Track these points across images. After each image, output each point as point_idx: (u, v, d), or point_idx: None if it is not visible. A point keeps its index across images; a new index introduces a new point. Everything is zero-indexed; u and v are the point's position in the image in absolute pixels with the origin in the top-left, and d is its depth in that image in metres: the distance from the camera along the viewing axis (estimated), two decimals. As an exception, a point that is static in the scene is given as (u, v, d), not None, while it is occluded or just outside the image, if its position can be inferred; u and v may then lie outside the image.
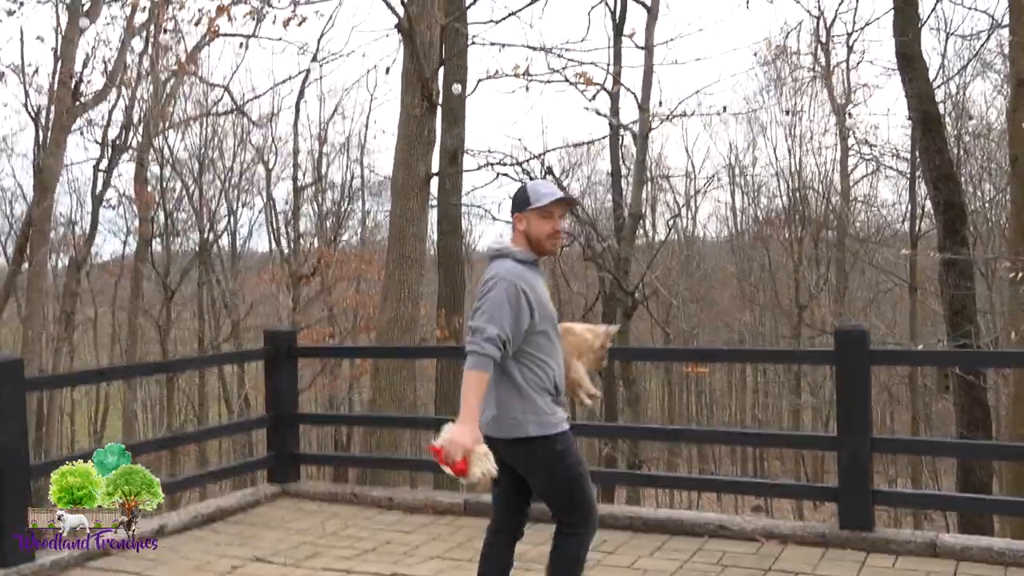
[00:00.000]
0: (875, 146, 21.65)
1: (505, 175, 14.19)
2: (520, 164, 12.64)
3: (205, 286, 25.33)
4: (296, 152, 24.56)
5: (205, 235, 24.70)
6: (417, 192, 9.26)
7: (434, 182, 10.77)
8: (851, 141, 22.54)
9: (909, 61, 13.10)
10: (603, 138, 17.05)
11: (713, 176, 25.87)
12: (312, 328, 21.38)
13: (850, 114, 22.15)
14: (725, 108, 17.28)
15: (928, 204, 19.82)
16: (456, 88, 11.32)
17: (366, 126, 26.65)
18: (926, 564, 5.44)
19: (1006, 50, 19.03)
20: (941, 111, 15.61)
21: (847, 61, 21.98)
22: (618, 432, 13.69)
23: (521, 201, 4.03)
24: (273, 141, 25.00)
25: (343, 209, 27.15)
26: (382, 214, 26.52)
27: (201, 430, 18.12)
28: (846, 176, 23.24)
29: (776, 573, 5.29)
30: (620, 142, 18.34)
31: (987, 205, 21.58)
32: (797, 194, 24.82)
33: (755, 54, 27.48)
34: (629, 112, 18.51)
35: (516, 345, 3.87)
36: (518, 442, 3.96)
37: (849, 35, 20.80)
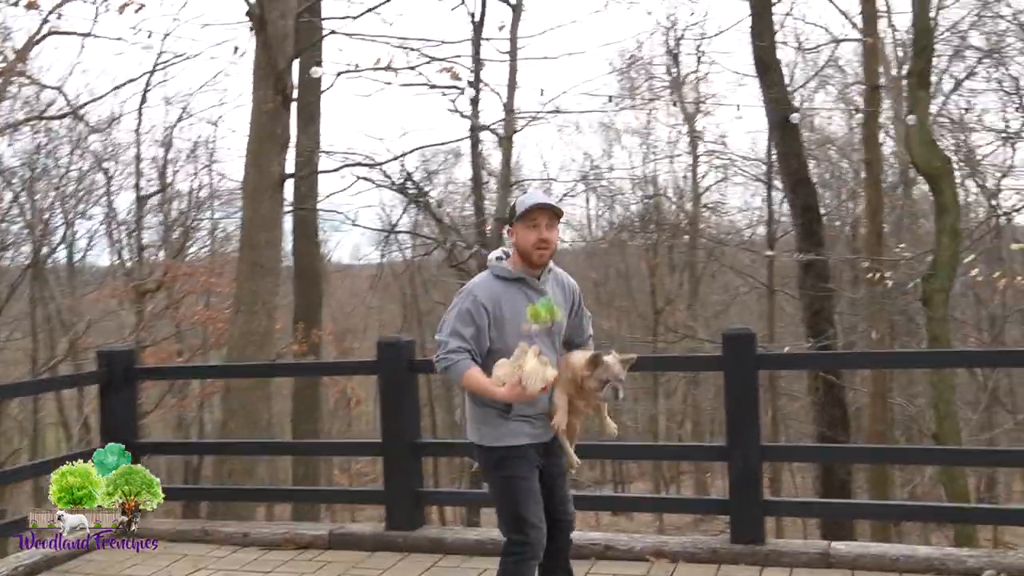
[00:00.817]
0: (725, 154, 22.30)
1: (365, 178, 13.56)
2: (379, 166, 12.00)
3: (39, 303, 23.40)
4: (139, 159, 22.96)
5: (38, 248, 22.81)
6: (270, 195, 8.53)
7: (289, 186, 10.02)
8: (701, 149, 23.44)
9: (766, 67, 13.27)
10: (464, 139, 16.53)
11: (575, 183, 25.76)
12: (159, 346, 20.02)
13: (698, 131, 22.92)
14: (610, 104, 17.10)
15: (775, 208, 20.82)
16: (315, 71, 10.50)
17: (215, 126, 25.12)
18: (823, 576, 5.21)
19: (841, 63, 19.95)
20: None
21: (696, 71, 22.90)
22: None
23: (511, 214, 4.04)
24: (114, 148, 23.34)
25: (190, 220, 25.58)
26: (233, 224, 25.19)
27: (25, 466, 16.56)
28: (696, 182, 23.92)
29: (672, 596, 4.93)
30: (479, 148, 18.04)
31: (829, 214, 22.26)
32: (652, 200, 25.14)
33: (610, 63, 27.94)
34: (494, 115, 18.21)
35: (482, 352, 3.96)
36: (473, 446, 4.17)
37: (698, 46, 21.32)
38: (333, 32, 10.80)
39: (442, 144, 20.44)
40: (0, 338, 22.11)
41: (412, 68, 10.54)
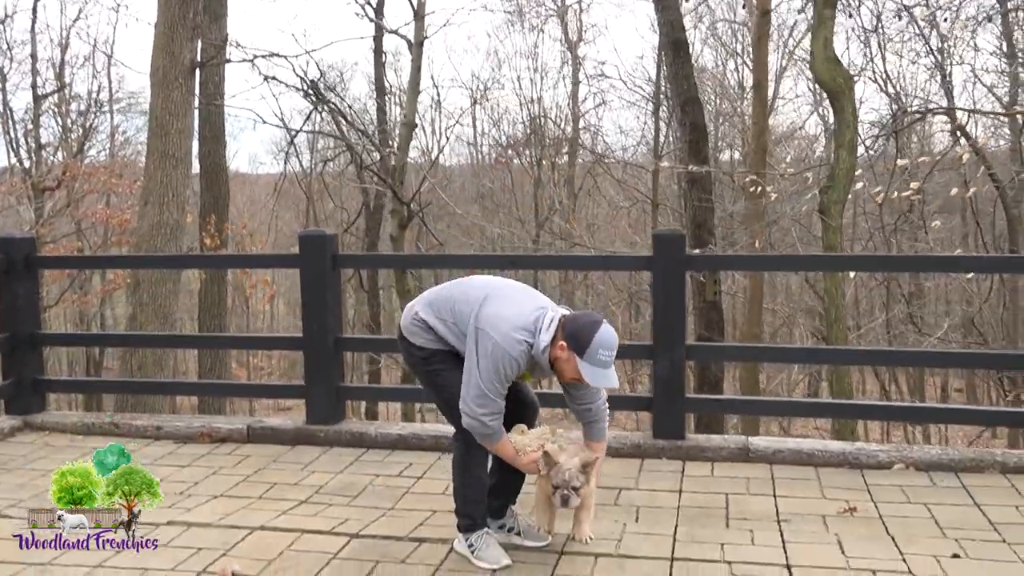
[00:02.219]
0: (609, 77, 22.50)
1: (273, 78, 12.67)
2: (289, 58, 11.16)
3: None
4: (35, 58, 21.07)
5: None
6: (181, 82, 7.70)
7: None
8: (582, 74, 23.62)
9: None
10: (371, 36, 15.54)
11: (475, 102, 25.07)
12: (58, 243, 18.73)
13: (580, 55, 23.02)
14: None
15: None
16: None
17: (114, 30, 23.20)
18: (743, 469, 5.06)
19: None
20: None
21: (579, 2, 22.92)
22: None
23: (577, 343, 3.46)
24: (8, 46, 21.32)
25: (89, 122, 23.80)
26: (132, 129, 23.65)
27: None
28: (577, 104, 24.13)
29: (601, 490, 4.64)
30: (383, 54, 17.20)
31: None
32: (536, 120, 25.09)
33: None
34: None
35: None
36: (400, 341, 3.94)
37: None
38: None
39: (347, 40, 19.34)
40: None
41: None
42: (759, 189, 11.70)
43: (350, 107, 14.59)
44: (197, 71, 7.88)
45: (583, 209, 25.00)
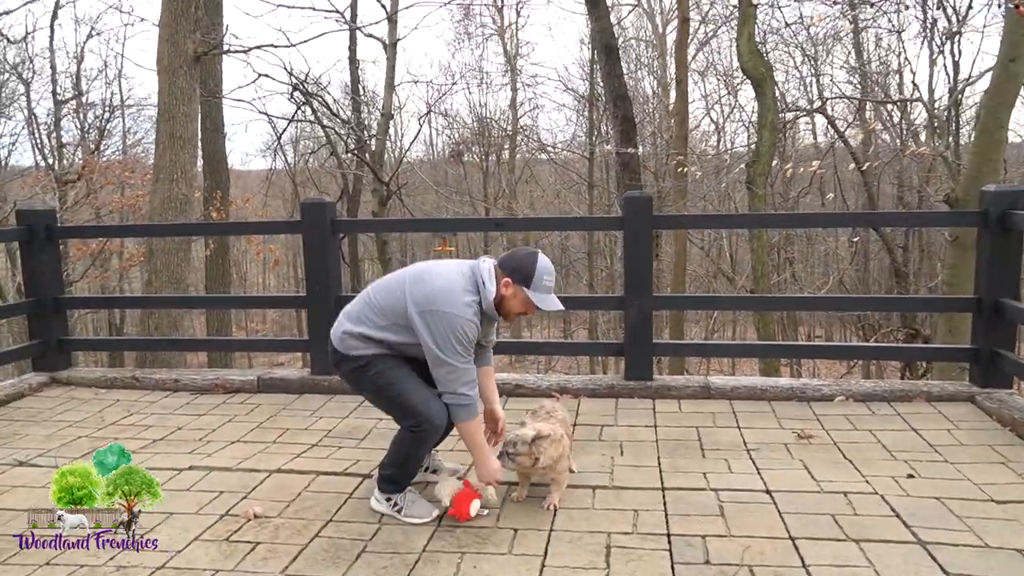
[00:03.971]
0: (542, 84, 22.25)
1: (266, 75, 11.87)
2: (288, 47, 10.33)
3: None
4: (54, 69, 19.94)
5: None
6: (186, 70, 6.99)
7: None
8: (519, 83, 23.34)
9: (594, 3, 12.42)
10: (345, 29, 14.63)
11: (437, 99, 24.59)
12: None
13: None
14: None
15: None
16: None
17: (123, 45, 21.97)
18: (707, 405, 4.70)
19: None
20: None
21: (515, 23, 23.01)
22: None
23: (522, 275, 3.03)
24: (31, 58, 20.07)
25: (104, 124, 22.63)
26: (142, 132, 22.52)
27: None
28: (515, 108, 23.87)
29: (584, 427, 4.25)
30: (357, 64, 16.54)
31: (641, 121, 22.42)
32: (483, 121, 25.01)
33: (450, 12, 27.14)
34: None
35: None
36: (331, 352, 3.29)
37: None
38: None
39: (328, 33, 18.40)
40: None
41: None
42: (683, 169, 11.39)
43: (335, 100, 13.85)
44: (200, 60, 7.16)
45: (524, 195, 24.95)
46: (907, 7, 13.07)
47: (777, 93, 13.55)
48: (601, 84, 20.10)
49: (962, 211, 7.13)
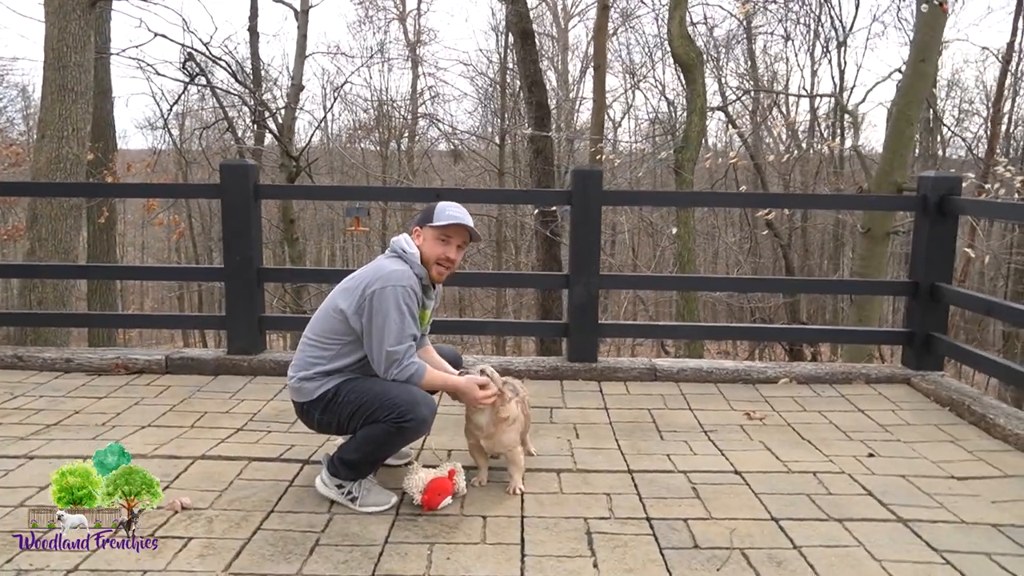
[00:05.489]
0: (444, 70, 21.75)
1: (161, 35, 10.97)
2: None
3: None
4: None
5: None
6: (80, 15, 6.23)
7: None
8: (420, 70, 23.00)
9: None
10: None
11: (342, 85, 23.68)
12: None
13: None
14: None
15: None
16: None
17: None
18: (654, 387, 4.60)
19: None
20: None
21: (417, 9, 22.75)
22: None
23: (424, 215, 2.97)
24: None
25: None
26: (6, 100, 20.58)
27: None
28: (417, 95, 23.62)
29: (533, 409, 4.04)
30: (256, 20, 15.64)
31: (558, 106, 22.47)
32: (383, 107, 24.40)
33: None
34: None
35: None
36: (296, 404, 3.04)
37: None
38: None
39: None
40: None
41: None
42: (600, 157, 11.39)
43: (237, 66, 12.94)
44: (95, 5, 6.39)
45: (425, 183, 24.69)
46: (797, 20, 13.75)
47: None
48: (513, 70, 20.14)
49: (902, 196, 7.36)
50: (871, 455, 3.52)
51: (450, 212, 2.94)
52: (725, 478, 3.20)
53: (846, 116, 15.43)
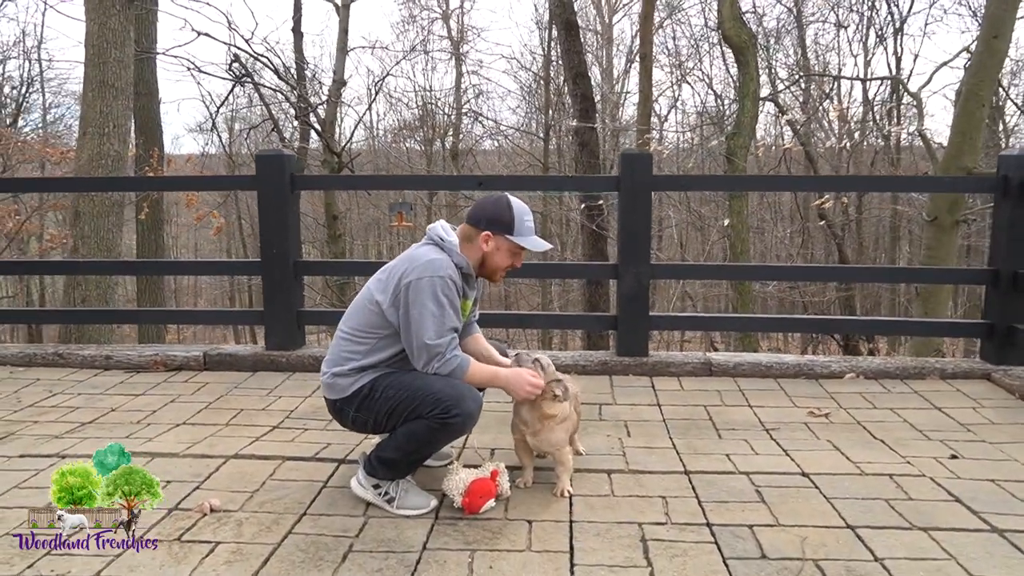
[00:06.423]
0: (490, 68, 21.86)
1: (206, 34, 11.05)
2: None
3: None
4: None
5: None
6: (119, 10, 6.22)
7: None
8: (464, 68, 23.05)
9: None
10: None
11: (384, 76, 23.72)
12: (-3, 206, 16.34)
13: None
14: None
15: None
16: None
17: (43, 15, 20.39)
18: (710, 382, 4.34)
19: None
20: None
21: (461, 7, 23.73)
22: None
23: (502, 223, 2.68)
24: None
25: (22, 98, 21.11)
26: (63, 108, 21.13)
27: None
28: (460, 92, 23.54)
29: (583, 406, 3.81)
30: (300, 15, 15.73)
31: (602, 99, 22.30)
32: (427, 106, 24.40)
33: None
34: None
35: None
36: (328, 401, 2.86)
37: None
38: None
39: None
40: None
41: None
42: (648, 148, 11.09)
43: (282, 64, 12.96)
44: (133, 2, 6.35)
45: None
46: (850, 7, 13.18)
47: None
48: (557, 64, 19.92)
49: (978, 176, 6.86)
50: (954, 456, 3.22)
51: (531, 230, 2.72)
52: (792, 480, 2.94)
53: (907, 101, 14.84)
